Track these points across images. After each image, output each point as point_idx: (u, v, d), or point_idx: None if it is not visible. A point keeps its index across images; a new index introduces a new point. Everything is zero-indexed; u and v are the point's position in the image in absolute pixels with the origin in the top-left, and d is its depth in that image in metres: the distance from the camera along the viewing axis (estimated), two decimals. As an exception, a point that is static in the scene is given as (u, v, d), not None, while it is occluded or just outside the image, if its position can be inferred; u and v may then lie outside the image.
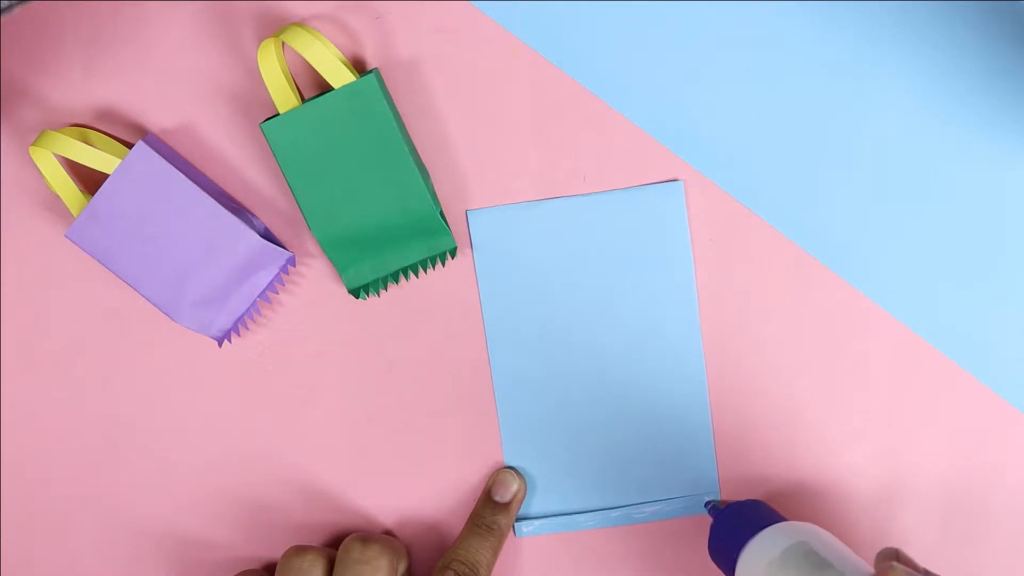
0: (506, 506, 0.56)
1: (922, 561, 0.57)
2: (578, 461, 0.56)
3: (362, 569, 0.53)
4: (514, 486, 0.56)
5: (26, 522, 0.58)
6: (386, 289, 0.56)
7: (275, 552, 0.58)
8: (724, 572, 0.52)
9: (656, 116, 0.55)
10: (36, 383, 0.57)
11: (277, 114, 0.53)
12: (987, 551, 0.57)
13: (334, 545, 0.58)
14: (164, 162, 0.53)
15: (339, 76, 0.52)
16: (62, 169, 0.54)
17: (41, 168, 0.53)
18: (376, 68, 0.54)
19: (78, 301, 0.57)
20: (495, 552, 0.55)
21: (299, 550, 0.54)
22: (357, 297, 0.55)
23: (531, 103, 0.55)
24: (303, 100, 0.54)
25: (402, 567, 0.54)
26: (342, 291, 0.57)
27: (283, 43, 0.53)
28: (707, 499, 0.56)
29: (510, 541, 0.57)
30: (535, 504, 0.57)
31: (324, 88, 0.55)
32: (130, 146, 0.55)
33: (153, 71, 0.55)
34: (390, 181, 0.53)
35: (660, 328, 0.55)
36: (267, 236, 0.56)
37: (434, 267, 0.55)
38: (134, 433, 0.58)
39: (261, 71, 0.52)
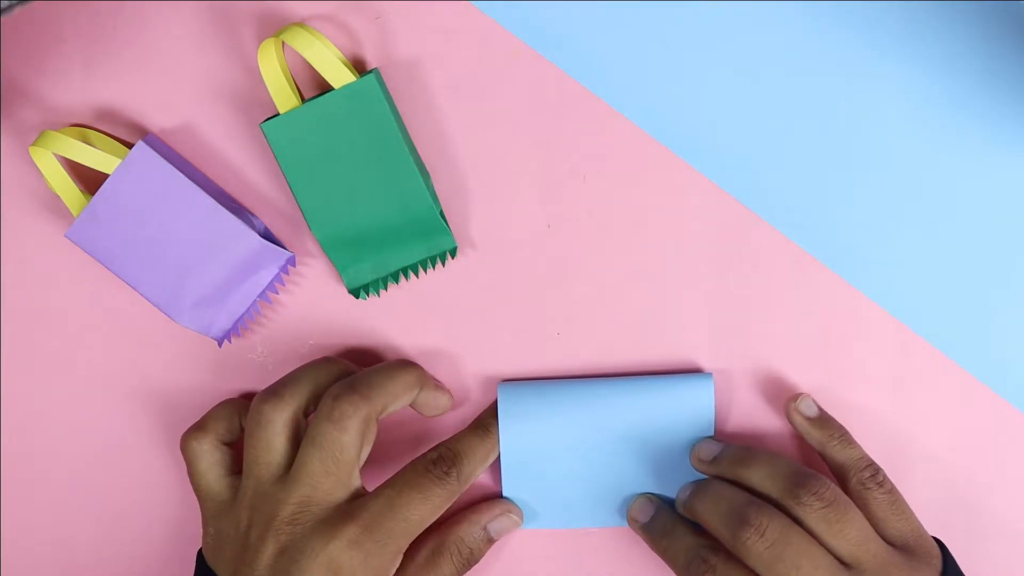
0: None
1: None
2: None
3: (328, 429, 0.50)
4: None
5: (26, 522, 0.58)
6: (386, 289, 0.56)
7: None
8: None
9: (656, 116, 0.55)
10: (36, 383, 0.57)
11: (277, 114, 0.53)
12: (988, 551, 0.56)
13: None
14: (164, 162, 0.53)
15: (339, 76, 0.52)
16: (62, 169, 0.54)
17: (41, 168, 0.53)
18: (376, 68, 0.54)
19: (78, 301, 0.57)
20: (486, 457, 0.54)
21: (268, 398, 0.52)
22: (357, 297, 0.55)
23: (531, 103, 0.55)
24: (303, 100, 0.54)
25: (397, 405, 0.53)
26: (342, 291, 0.57)
27: (283, 43, 0.53)
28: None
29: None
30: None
31: (324, 88, 0.55)
32: (130, 146, 0.55)
33: (153, 71, 0.55)
34: (390, 181, 0.53)
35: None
36: (267, 236, 0.56)
37: (434, 267, 0.55)
38: (134, 433, 0.58)
39: (261, 71, 0.52)
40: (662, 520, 0.54)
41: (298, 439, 0.52)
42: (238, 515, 0.51)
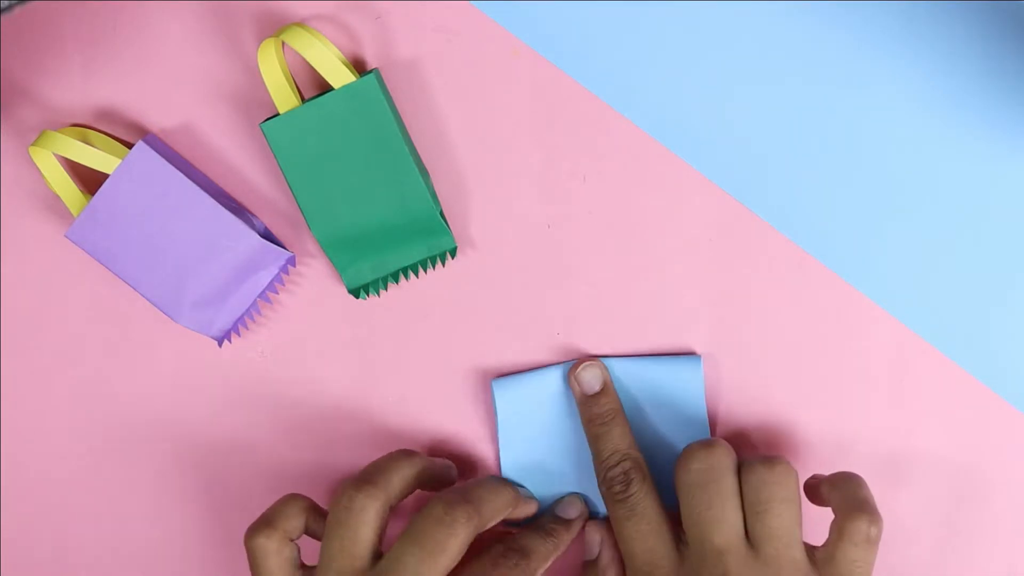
0: (568, 521, 0.55)
1: (923, 562, 0.57)
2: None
3: (436, 531, 0.49)
4: (579, 508, 0.56)
5: (26, 522, 0.58)
6: (386, 289, 0.56)
7: (275, 552, 0.58)
8: None
9: (656, 116, 0.55)
10: (36, 383, 0.57)
11: (277, 114, 0.53)
12: (988, 551, 0.57)
13: None
14: (164, 162, 0.53)
15: (339, 76, 0.52)
16: (62, 169, 0.54)
17: (41, 168, 0.54)
18: (376, 68, 0.54)
19: (78, 301, 0.57)
20: (549, 556, 0.54)
21: (362, 486, 0.50)
22: (357, 297, 0.55)
23: (531, 103, 0.55)
24: (303, 100, 0.54)
25: (496, 520, 0.52)
26: (342, 291, 0.57)
27: (283, 43, 0.53)
28: None
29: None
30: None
31: (324, 88, 0.55)
32: (130, 146, 0.55)
33: (153, 71, 0.55)
34: (390, 181, 0.53)
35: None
36: (267, 236, 0.56)
37: (434, 267, 0.55)
38: (134, 433, 0.58)
39: (261, 71, 0.52)
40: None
41: (383, 533, 0.50)
42: None
